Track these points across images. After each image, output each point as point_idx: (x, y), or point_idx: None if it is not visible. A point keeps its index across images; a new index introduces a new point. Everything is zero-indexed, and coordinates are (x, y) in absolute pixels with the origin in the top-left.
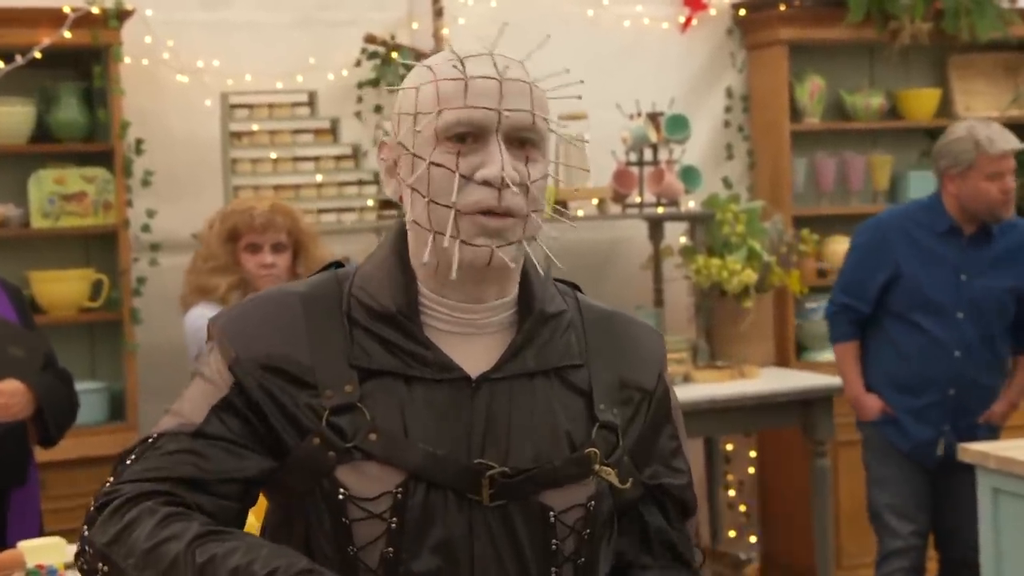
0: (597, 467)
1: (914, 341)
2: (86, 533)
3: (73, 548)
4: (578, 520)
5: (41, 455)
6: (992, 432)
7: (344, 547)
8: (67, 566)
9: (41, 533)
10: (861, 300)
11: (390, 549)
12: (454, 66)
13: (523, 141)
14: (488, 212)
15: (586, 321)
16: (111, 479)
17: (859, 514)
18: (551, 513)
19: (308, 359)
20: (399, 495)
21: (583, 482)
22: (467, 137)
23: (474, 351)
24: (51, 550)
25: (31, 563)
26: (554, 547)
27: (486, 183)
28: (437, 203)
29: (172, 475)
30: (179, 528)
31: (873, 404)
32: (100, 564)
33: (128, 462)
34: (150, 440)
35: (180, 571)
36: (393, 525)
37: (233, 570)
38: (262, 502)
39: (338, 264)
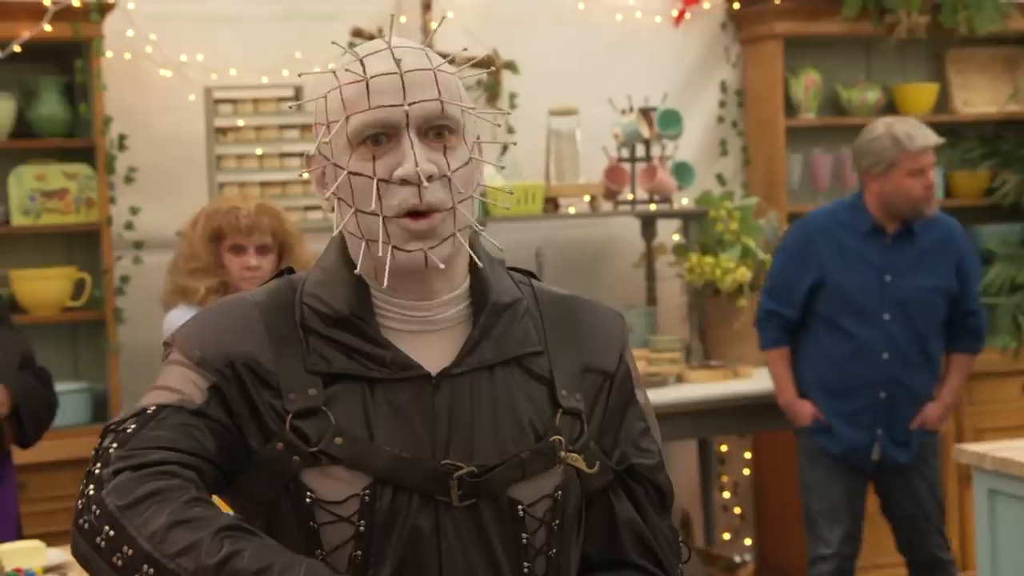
0: (563, 454)
1: (842, 346)
2: (92, 491)
3: (52, 552)
4: (547, 512)
5: (22, 456)
6: (931, 436)
7: (312, 551)
8: (46, 570)
9: (20, 536)
10: (787, 305)
11: (358, 552)
12: (348, 69)
13: (438, 131)
14: (413, 213)
15: (543, 308)
16: (112, 444)
17: None
18: (520, 507)
19: (270, 363)
20: (366, 498)
21: (550, 471)
22: (380, 137)
23: (432, 348)
24: (30, 554)
25: (9, 567)
26: (524, 541)
27: (404, 182)
28: (363, 211)
29: (179, 448)
30: (207, 513)
31: (805, 410)
32: (107, 528)
33: (130, 430)
34: (149, 410)
35: (202, 554)
36: (361, 528)
37: (265, 568)
38: None
39: (289, 271)
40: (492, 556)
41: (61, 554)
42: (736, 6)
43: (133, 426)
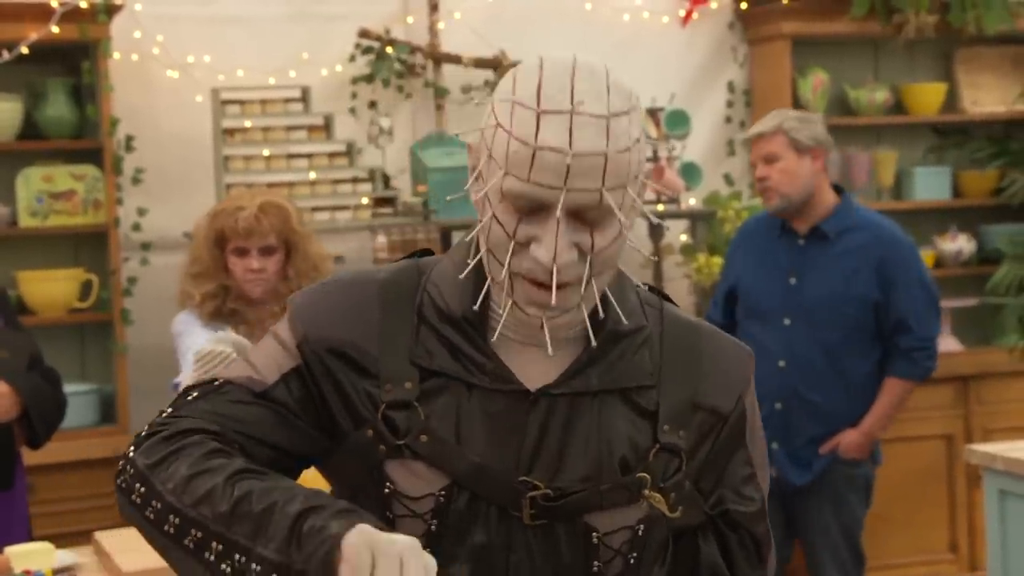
0: (647, 492)
1: None
2: (131, 453)
3: (62, 554)
4: (624, 543)
5: (31, 458)
6: (850, 467)
7: None
8: (55, 571)
9: (30, 538)
10: (715, 311)
11: (428, 550)
12: (520, 104)
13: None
14: (540, 283)
15: (666, 336)
16: (168, 410)
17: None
18: (595, 534)
19: (375, 349)
20: (442, 498)
21: (633, 505)
22: (528, 207)
23: (539, 362)
24: (39, 555)
25: (18, 569)
26: (596, 569)
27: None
28: (494, 256)
29: (231, 421)
30: (222, 461)
31: None
32: (138, 485)
33: (190, 398)
34: (216, 383)
35: (216, 501)
36: (433, 527)
37: (270, 506)
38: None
39: (425, 252)
40: None
41: (70, 555)
42: (744, 6)
43: (195, 394)
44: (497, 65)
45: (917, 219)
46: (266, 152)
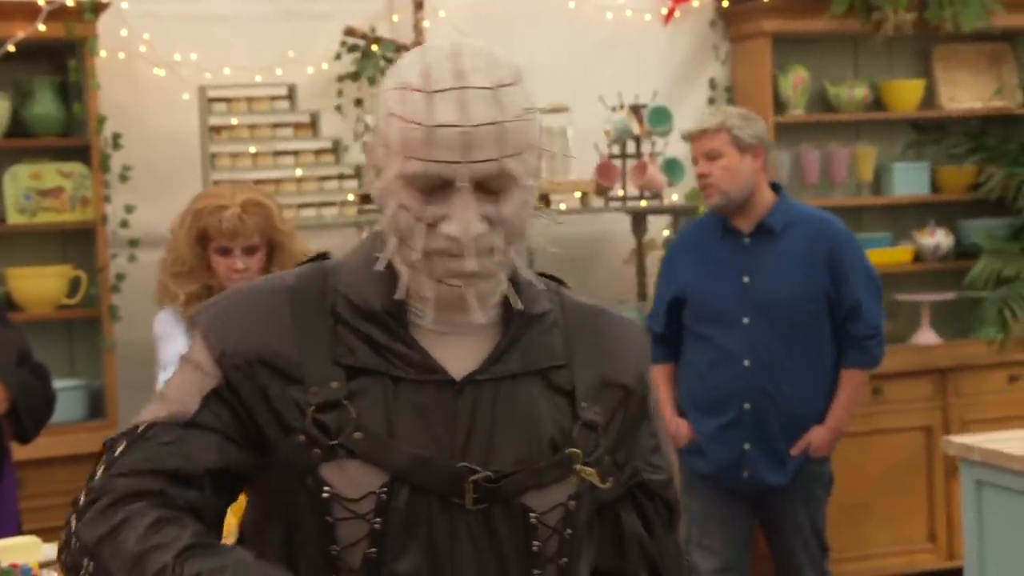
0: (578, 467)
1: (705, 355)
2: (74, 526)
3: (49, 548)
4: (559, 521)
5: (20, 453)
6: (816, 464)
7: (326, 547)
8: (41, 565)
9: (20, 532)
10: (655, 321)
11: (373, 550)
12: (414, 89)
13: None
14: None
15: (569, 319)
16: (101, 469)
17: (848, 508)
18: (532, 515)
19: (295, 354)
20: (383, 496)
21: (564, 481)
22: (431, 186)
23: (460, 350)
24: (25, 549)
25: (4, 562)
26: (536, 548)
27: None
28: (405, 243)
29: (163, 468)
30: (170, 536)
31: (681, 429)
32: (86, 560)
33: (117, 453)
34: (139, 430)
35: None
36: (377, 526)
37: None
38: (241, 500)
39: (323, 256)
40: (503, 562)
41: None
42: (725, 4)
43: (123, 446)
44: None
45: (896, 214)
46: (253, 149)
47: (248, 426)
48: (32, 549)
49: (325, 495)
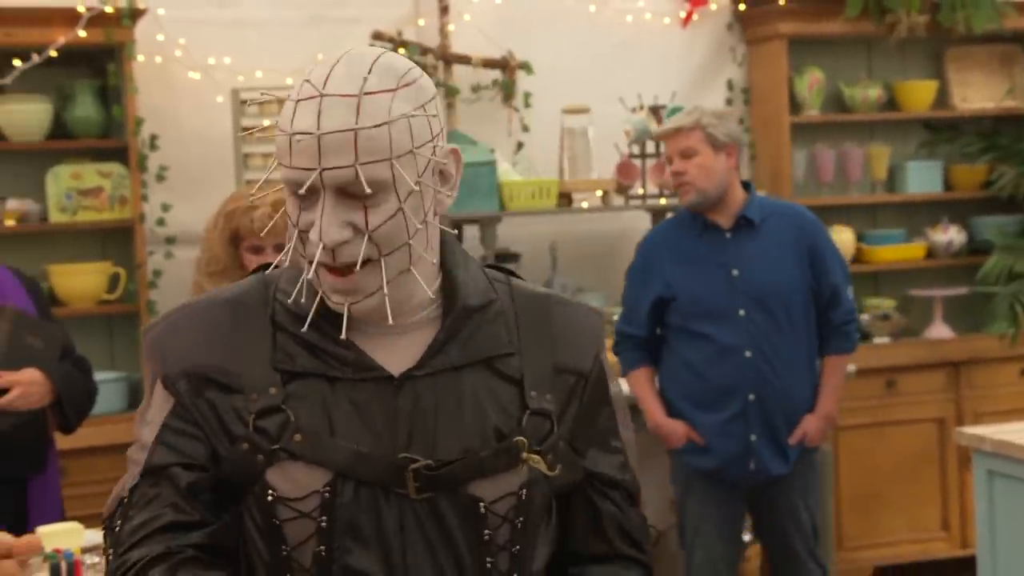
0: (525, 455)
1: (702, 351)
2: None
3: (90, 533)
4: (510, 509)
5: (62, 443)
6: (810, 453)
7: (277, 548)
8: (83, 550)
9: (63, 519)
10: (635, 325)
11: (322, 547)
12: (293, 99)
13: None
14: (332, 268)
15: (518, 308)
16: (111, 550)
17: (863, 497)
18: (481, 504)
19: (237, 366)
20: (327, 494)
21: (515, 470)
22: (298, 192)
23: (397, 348)
24: (68, 535)
25: (48, 548)
26: (487, 537)
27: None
28: (298, 251)
29: (160, 526)
30: None
31: (677, 430)
32: None
33: (117, 528)
34: (124, 499)
35: None
36: (323, 524)
37: None
38: None
39: (266, 266)
40: (455, 551)
41: (99, 535)
42: (742, 7)
43: (119, 523)
44: (505, 65)
45: (910, 211)
46: None
47: (204, 442)
48: (74, 535)
49: (270, 498)
